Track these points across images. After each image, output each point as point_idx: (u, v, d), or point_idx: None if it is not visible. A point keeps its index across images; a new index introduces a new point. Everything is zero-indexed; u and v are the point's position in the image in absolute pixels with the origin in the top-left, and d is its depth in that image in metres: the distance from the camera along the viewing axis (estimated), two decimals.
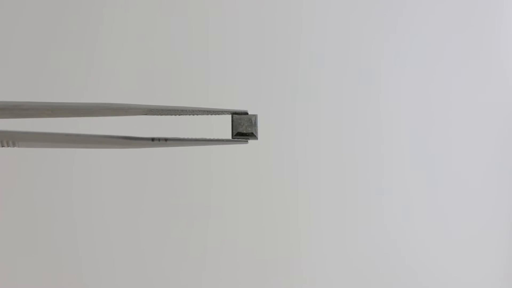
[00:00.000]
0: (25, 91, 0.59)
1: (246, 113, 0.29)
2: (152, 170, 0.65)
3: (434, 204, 0.75)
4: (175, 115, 0.29)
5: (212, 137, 0.30)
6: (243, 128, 0.30)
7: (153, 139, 0.28)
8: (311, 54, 0.70)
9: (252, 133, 0.30)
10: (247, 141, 0.30)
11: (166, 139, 0.28)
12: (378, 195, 0.73)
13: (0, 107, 0.24)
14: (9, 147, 0.25)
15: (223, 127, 0.32)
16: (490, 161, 0.78)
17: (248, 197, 0.68)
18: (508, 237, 0.78)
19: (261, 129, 0.69)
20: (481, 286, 0.77)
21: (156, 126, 0.48)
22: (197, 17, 0.66)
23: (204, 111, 0.29)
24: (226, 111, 0.29)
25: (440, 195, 0.75)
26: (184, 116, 0.29)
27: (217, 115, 0.29)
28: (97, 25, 0.63)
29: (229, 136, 0.29)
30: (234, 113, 0.29)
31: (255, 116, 0.30)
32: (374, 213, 0.73)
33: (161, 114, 0.29)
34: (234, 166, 0.67)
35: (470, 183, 0.77)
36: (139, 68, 0.64)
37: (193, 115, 0.29)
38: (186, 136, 0.29)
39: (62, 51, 0.62)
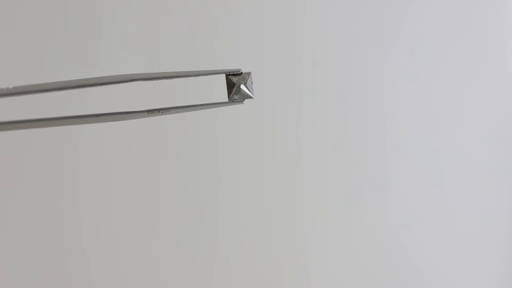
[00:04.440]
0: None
1: (240, 73, 0.29)
2: (159, 165, 0.64)
3: (438, 200, 0.76)
4: (168, 78, 0.29)
5: (208, 102, 0.29)
6: (238, 92, 0.29)
7: (149, 111, 0.29)
8: (315, 55, 0.70)
9: (248, 95, 0.29)
10: (243, 101, 0.30)
11: (162, 110, 0.29)
12: (382, 193, 0.74)
13: None
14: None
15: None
16: (492, 160, 0.79)
17: (255, 196, 0.68)
18: (509, 230, 0.80)
19: (266, 131, 0.69)
20: (484, 279, 0.79)
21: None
22: (201, 15, 0.65)
23: (198, 73, 0.29)
24: (220, 72, 0.29)
25: (444, 192, 0.77)
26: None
27: (211, 75, 0.29)
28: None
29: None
30: (228, 74, 0.29)
31: (249, 74, 0.29)
32: (379, 210, 0.74)
33: (155, 79, 0.28)
34: (241, 165, 0.67)
35: (474, 181, 0.78)
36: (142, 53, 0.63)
37: (187, 76, 0.29)
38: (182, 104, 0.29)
39: (64, 48, 0.60)
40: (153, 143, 0.63)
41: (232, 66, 0.65)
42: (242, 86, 0.29)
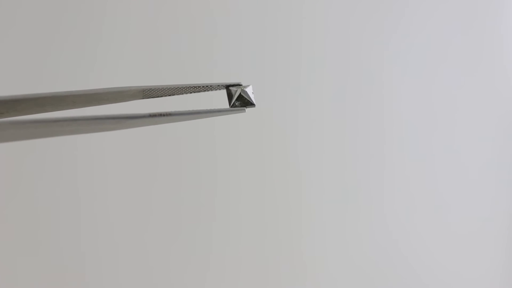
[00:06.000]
0: (26, 90, 0.56)
1: (239, 85, 0.29)
2: (157, 167, 0.65)
3: (435, 202, 0.77)
4: (169, 95, 0.29)
5: (210, 108, 0.30)
6: (239, 99, 0.30)
7: (150, 115, 0.29)
8: (313, 55, 0.71)
9: (249, 101, 0.30)
10: (245, 109, 0.30)
11: (163, 114, 0.29)
12: (379, 194, 0.75)
13: None
14: None
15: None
16: (490, 160, 0.79)
17: (252, 197, 0.69)
18: (507, 234, 0.80)
19: (265, 132, 0.69)
20: (482, 283, 0.79)
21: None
22: (201, 17, 0.66)
23: (198, 87, 0.29)
24: (220, 85, 0.29)
25: (441, 193, 0.78)
26: (184, 97, 0.29)
27: (212, 91, 0.29)
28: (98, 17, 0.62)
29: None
30: (228, 86, 0.29)
31: (249, 86, 0.29)
32: (375, 212, 0.75)
33: (155, 96, 0.29)
34: (238, 165, 0.68)
35: (471, 183, 0.79)
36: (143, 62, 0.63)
37: (187, 93, 0.29)
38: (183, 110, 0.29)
39: (63, 49, 0.60)
40: (151, 144, 0.64)
41: (231, 72, 0.66)
42: (243, 96, 0.29)
